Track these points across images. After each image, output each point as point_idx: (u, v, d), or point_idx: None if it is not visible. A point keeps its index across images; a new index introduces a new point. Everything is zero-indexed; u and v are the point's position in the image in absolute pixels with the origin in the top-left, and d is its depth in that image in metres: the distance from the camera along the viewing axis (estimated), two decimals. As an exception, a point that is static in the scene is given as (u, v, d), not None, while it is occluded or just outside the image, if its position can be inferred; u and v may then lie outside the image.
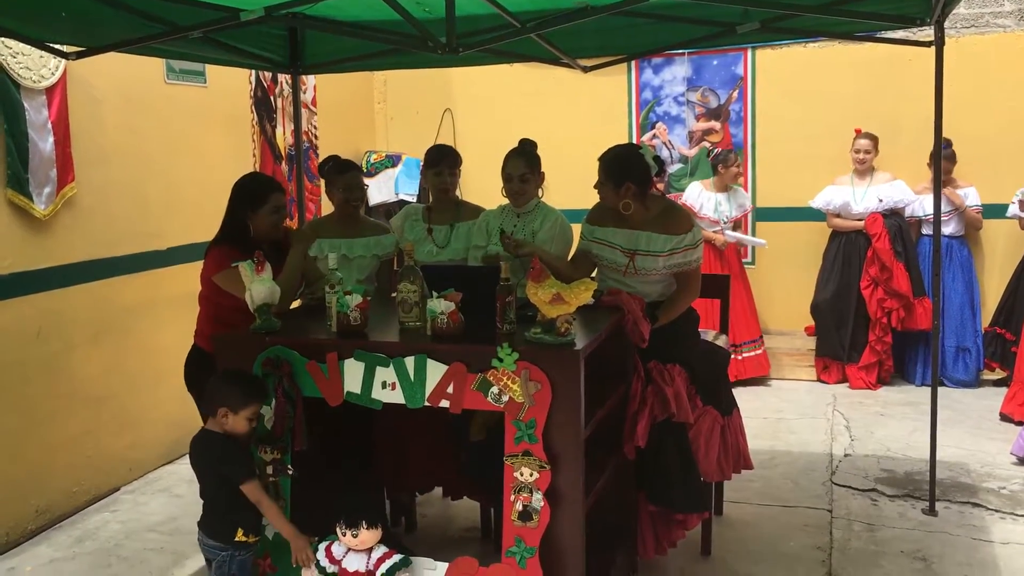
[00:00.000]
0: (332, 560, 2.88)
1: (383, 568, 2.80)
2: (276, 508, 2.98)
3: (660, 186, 6.99)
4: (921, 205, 6.28)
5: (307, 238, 3.72)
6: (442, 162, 4.08)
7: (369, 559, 2.84)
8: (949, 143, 6.12)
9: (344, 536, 2.84)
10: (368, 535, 2.82)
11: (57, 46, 3.94)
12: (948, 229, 6.27)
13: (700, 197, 6.50)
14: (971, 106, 6.28)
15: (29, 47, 4.01)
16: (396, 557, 2.84)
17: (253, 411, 2.97)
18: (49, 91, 4.31)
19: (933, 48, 4.03)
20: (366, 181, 7.14)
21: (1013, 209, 5.96)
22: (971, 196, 6.28)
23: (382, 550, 2.85)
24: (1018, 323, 5.84)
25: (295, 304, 3.80)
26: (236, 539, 2.95)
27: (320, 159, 6.76)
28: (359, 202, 4.06)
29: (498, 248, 3.77)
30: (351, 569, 2.84)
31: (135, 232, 4.94)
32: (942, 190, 6.04)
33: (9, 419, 4.18)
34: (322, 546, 2.93)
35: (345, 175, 3.95)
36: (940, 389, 4.92)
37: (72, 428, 4.54)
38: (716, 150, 6.81)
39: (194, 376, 3.59)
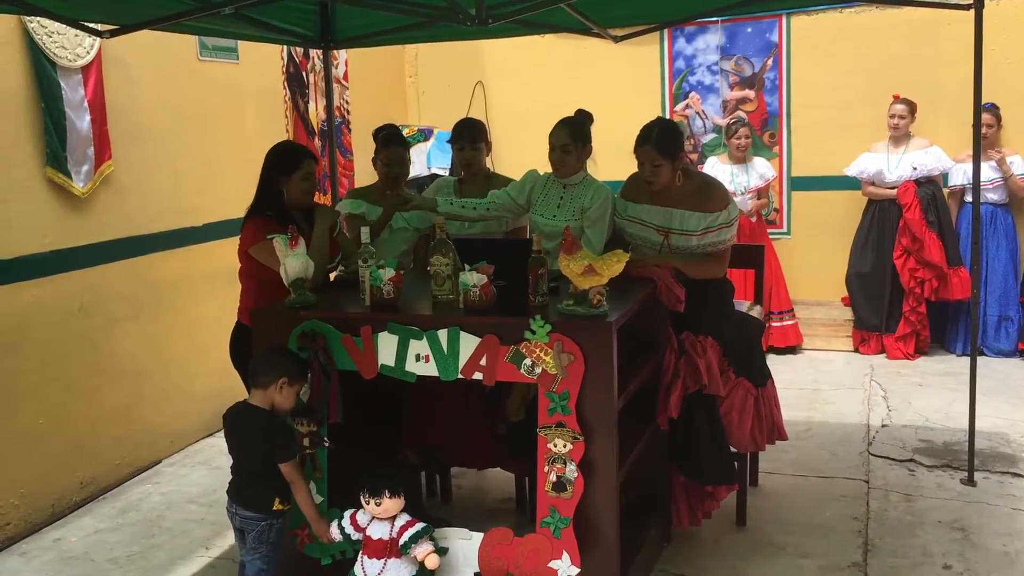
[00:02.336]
0: (357, 528, 2.93)
1: (406, 536, 2.83)
2: (307, 490, 3.02)
3: (694, 156, 7.00)
4: (964, 173, 6.16)
5: (331, 213, 3.74)
6: (462, 137, 4.10)
7: (392, 527, 2.88)
8: (994, 106, 6.01)
9: (368, 504, 2.88)
10: (391, 503, 2.85)
11: (91, 24, 3.97)
12: (994, 196, 6.17)
13: (714, 170, 6.43)
14: (1013, 70, 6.15)
15: (64, 27, 4.06)
16: (419, 525, 2.87)
17: (303, 387, 3.01)
18: (85, 70, 4.36)
19: (972, 12, 3.95)
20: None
21: None
22: (1016, 164, 6.15)
23: (405, 518, 2.88)
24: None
25: (333, 275, 3.83)
26: (275, 508, 3.00)
27: (352, 133, 6.82)
28: (400, 176, 4.19)
29: (544, 221, 3.74)
30: (375, 536, 2.88)
31: (170, 209, 5.00)
32: (992, 155, 5.99)
33: (53, 393, 4.27)
34: (347, 513, 2.97)
35: (388, 149, 4.12)
36: (981, 359, 4.88)
37: (114, 402, 4.63)
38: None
39: (239, 352, 3.63)
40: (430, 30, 4.92)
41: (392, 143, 4.15)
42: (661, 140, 3.53)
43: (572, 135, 3.72)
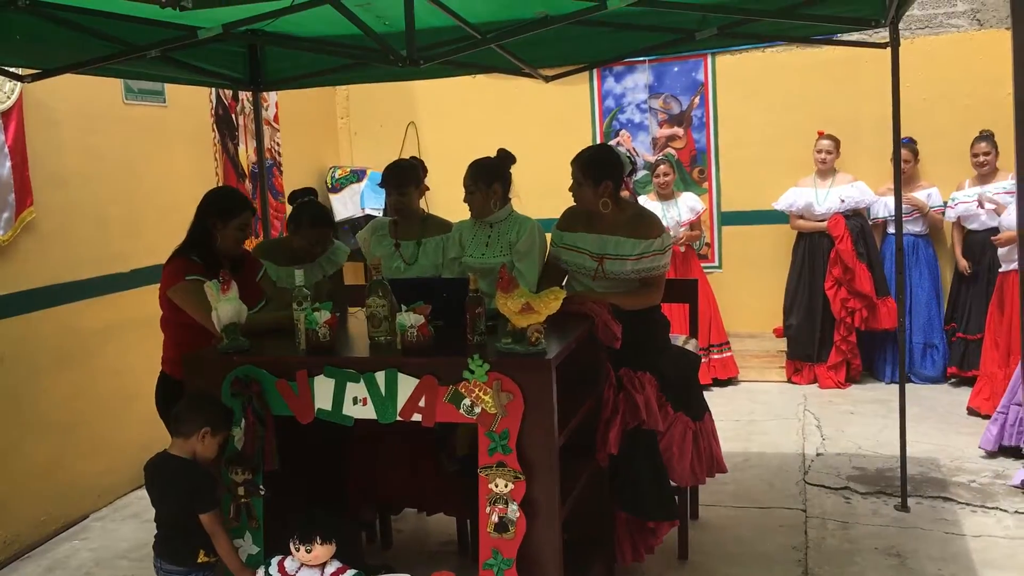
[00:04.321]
0: (284, 575, 2.86)
1: (336, 583, 2.78)
2: (228, 541, 2.94)
3: (625, 193, 7.09)
4: (885, 206, 6.36)
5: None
6: (389, 184, 4.06)
7: (323, 574, 2.81)
8: (912, 140, 6.22)
9: (298, 551, 2.82)
10: (321, 550, 2.80)
11: (12, 69, 3.88)
12: (914, 228, 6.38)
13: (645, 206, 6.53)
14: (929, 105, 6.38)
15: (-17, 71, 3.96)
16: (349, 572, 2.81)
17: (226, 437, 2.96)
18: (5, 115, 4.25)
19: (889, 50, 4.09)
20: (332, 198, 7.15)
21: (950, 213, 6.16)
22: (933, 196, 6.37)
23: (336, 565, 2.83)
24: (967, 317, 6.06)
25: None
26: (199, 560, 2.92)
27: (283, 175, 6.76)
28: (323, 250, 3.98)
29: (473, 260, 3.77)
30: (303, 584, 2.82)
31: (97, 255, 4.87)
32: (904, 196, 6.19)
33: (-27, 449, 4.10)
34: (275, 560, 2.90)
35: (315, 229, 3.89)
36: (908, 386, 4.99)
37: (40, 456, 4.46)
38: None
39: (164, 403, 3.54)
40: (362, 71, 4.93)
41: (319, 224, 3.91)
42: (587, 162, 3.62)
43: (472, 177, 3.83)
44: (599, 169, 3.62)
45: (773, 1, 3.96)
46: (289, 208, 4.00)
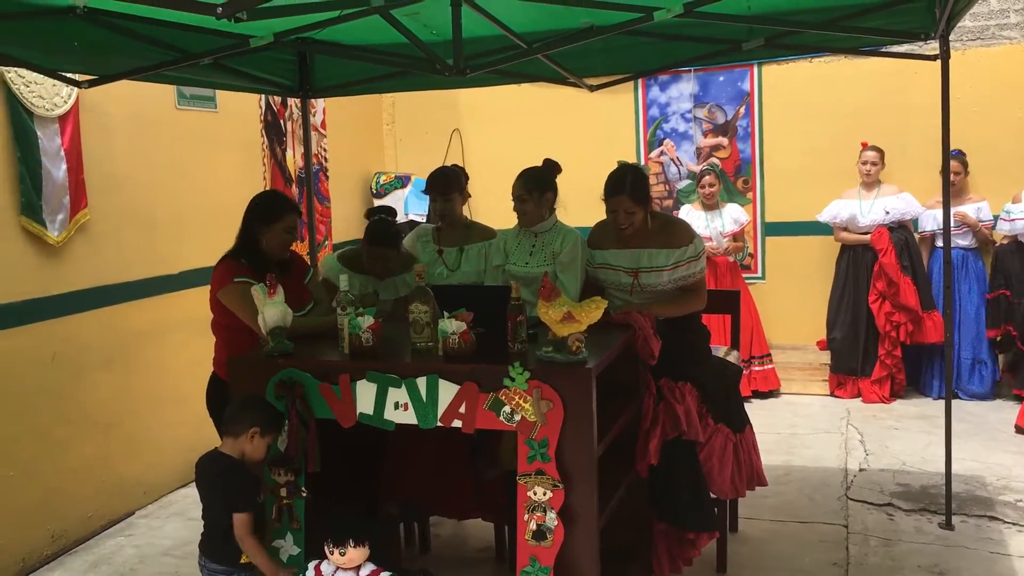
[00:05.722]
0: None
1: (370, 586, 2.81)
2: (256, 544, 2.96)
3: (669, 202, 7.08)
4: (934, 219, 6.25)
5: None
6: (434, 189, 4.08)
7: None
8: (961, 152, 6.13)
9: (332, 554, 2.85)
10: (355, 553, 2.83)
11: (70, 75, 3.98)
12: (963, 242, 6.28)
13: (689, 216, 6.52)
14: (980, 117, 6.28)
15: (41, 76, 4.06)
16: (384, 575, 2.84)
17: (276, 437, 3.00)
18: (62, 119, 4.36)
19: (939, 62, 4.04)
20: (376, 203, 7.20)
21: (1003, 225, 6.02)
22: (983, 210, 6.26)
23: (370, 568, 2.85)
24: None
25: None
26: (242, 561, 2.96)
27: (329, 180, 6.84)
28: (381, 267, 3.95)
29: (517, 269, 3.79)
30: (339, 587, 2.85)
31: (146, 257, 4.97)
32: (954, 212, 6.10)
33: (24, 445, 4.20)
34: (311, 565, 2.93)
35: (374, 247, 3.89)
36: (955, 402, 4.92)
37: (86, 453, 4.56)
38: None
39: (215, 405, 3.60)
40: (408, 79, 4.98)
41: (374, 241, 3.88)
42: (635, 188, 3.60)
43: (526, 185, 3.83)
44: (646, 191, 3.64)
45: (821, 13, 3.94)
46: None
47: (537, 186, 3.82)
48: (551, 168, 3.91)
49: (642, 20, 3.32)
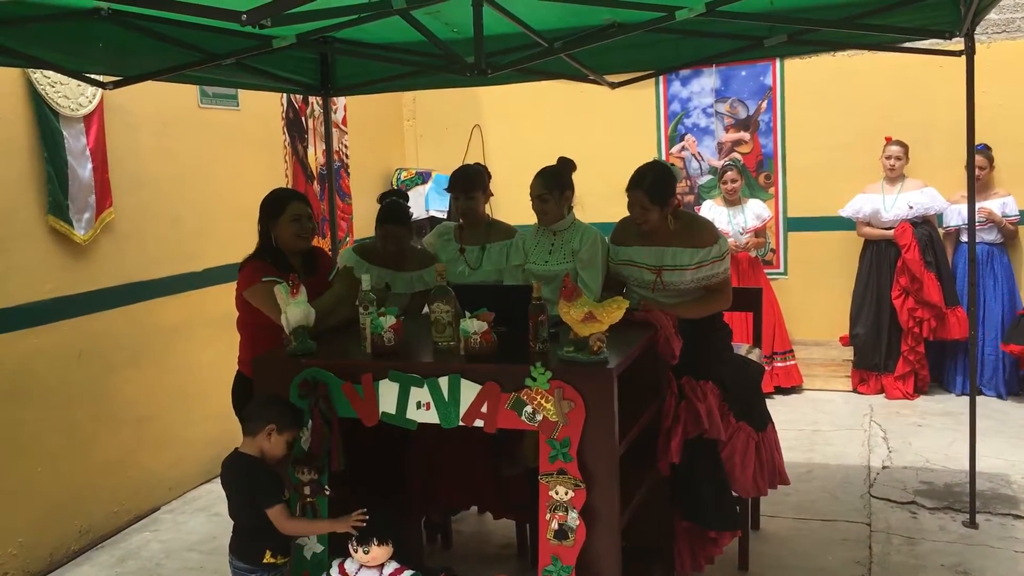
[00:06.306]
0: None
1: (395, 583, 2.83)
2: (303, 522, 3.02)
3: (690, 197, 7.06)
4: (959, 214, 6.20)
5: (349, 279, 3.64)
6: (457, 187, 4.09)
7: (381, 575, 2.87)
8: (987, 147, 6.07)
9: (356, 553, 2.87)
10: (379, 551, 2.85)
11: (94, 76, 4.02)
12: (989, 236, 6.22)
13: (710, 212, 6.50)
14: (1005, 111, 6.21)
15: (66, 77, 4.10)
16: (407, 573, 2.86)
17: (294, 435, 3.02)
18: (87, 119, 4.41)
19: (963, 57, 4.00)
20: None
21: None
22: (1009, 205, 6.20)
23: (393, 566, 2.88)
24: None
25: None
26: (264, 561, 2.99)
27: (350, 177, 6.87)
28: (395, 248, 3.97)
29: (537, 267, 3.80)
30: (363, 586, 2.88)
31: (171, 255, 5.02)
32: (979, 208, 6.03)
33: (52, 441, 4.26)
34: (336, 563, 2.96)
35: (382, 226, 3.91)
36: (980, 399, 4.88)
37: (114, 449, 4.62)
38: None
39: (240, 402, 3.63)
40: (429, 77, 4.99)
41: (387, 220, 3.91)
42: (653, 186, 3.59)
43: (546, 184, 3.82)
44: (665, 191, 3.61)
45: (843, 9, 3.91)
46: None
47: (557, 185, 3.83)
48: (567, 166, 3.91)
49: (664, 19, 3.31)
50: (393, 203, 3.99)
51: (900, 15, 3.86)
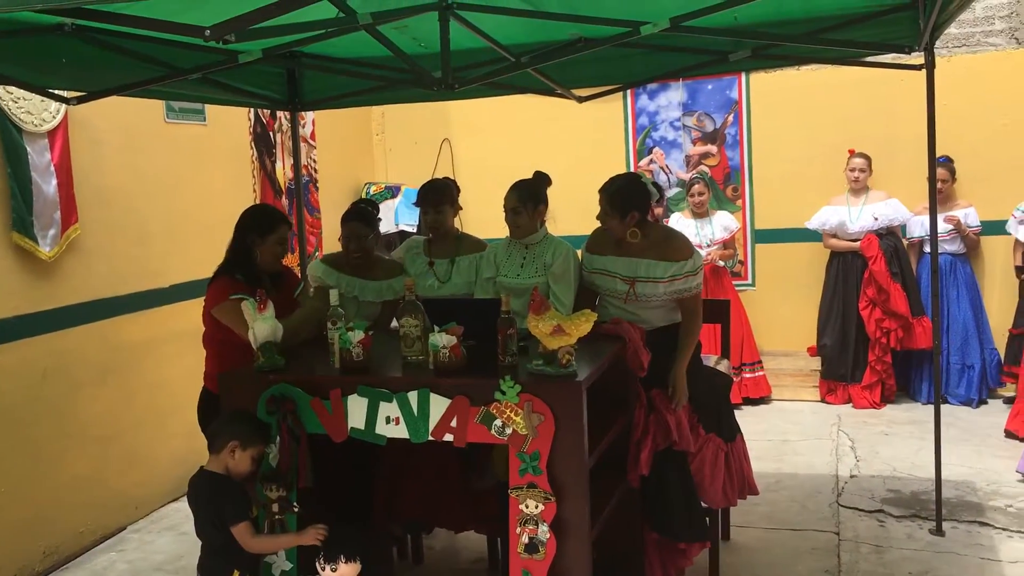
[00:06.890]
0: None
1: (363, 602, 2.82)
2: (267, 539, 3.00)
3: (659, 211, 7.10)
4: (922, 225, 6.28)
5: (324, 296, 3.60)
6: (425, 202, 4.08)
7: None
8: (949, 159, 6.17)
9: (323, 570, 2.86)
10: (347, 569, 2.84)
11: (58, 92, 3.99)
12: (951, 247, 6.32)
13: (679, 224, 6.54)
14: (966, 124, 6.32)
15: (29, 92, 4.06)
16: None
17: (260, 451, 3.00)
18: (51, 134, 4.36)
19: (924, 71, 4.07)
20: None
21: (1013, 224, 6.02)
22: (971, 216, 6.31)
23: None
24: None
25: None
26: (231, 578, 2.97)
27: (319, 191, 6.85)
28: (359, 252, 3.93)
29: (508, 280, 3.80)
30: (330, 603, 2.86)
31: (138, 271, 4.97)
32: (946, 216, 6.13)
33: (16, 460, 4.20)
34: None
35: (345, 224, 3.91)
36: (944, 407, 4.94)
37: (79, 468, 4.55)
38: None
39: (206, 419, 3.61)
40: (397, 91, 5.00)
41: (350, 218, 3.91)
42: (615, 194, 3.61)
43: (520, 197, 3.81)
44: (626, 201, 3.60)
45: (806, 24, 3.96)
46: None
47: (531, 198, 3.82)
48: (542, 180, 3.92)
49: (630, 35, 3.34)
50: (359, 203, 4.03)
51: (860, 30, 3.92)
